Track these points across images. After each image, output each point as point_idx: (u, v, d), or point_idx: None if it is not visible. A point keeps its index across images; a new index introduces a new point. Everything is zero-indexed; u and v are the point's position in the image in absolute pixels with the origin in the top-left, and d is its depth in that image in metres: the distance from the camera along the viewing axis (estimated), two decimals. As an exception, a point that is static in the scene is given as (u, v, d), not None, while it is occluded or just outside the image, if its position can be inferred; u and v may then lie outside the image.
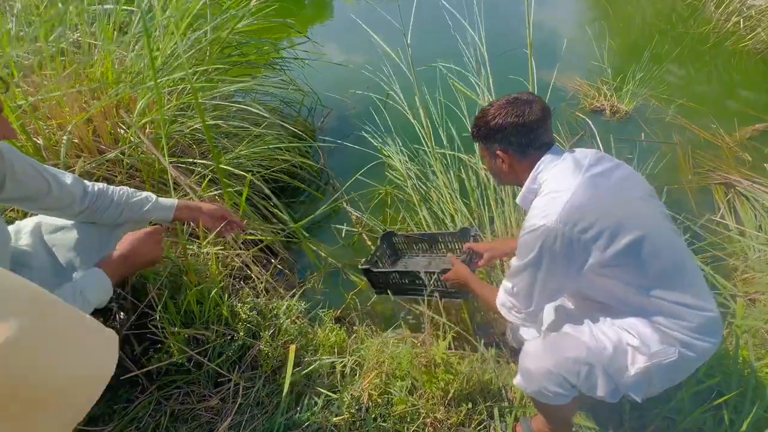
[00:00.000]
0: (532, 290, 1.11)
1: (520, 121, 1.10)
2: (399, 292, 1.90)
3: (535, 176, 1.13)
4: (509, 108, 1.11)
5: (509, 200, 2.45)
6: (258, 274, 1.75)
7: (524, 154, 1.14)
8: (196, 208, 1.30)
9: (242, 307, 1.34)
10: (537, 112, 1.11)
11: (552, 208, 1.02)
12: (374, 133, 3.17)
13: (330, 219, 2.83)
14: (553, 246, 1.03)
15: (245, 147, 2.57)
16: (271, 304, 1.47)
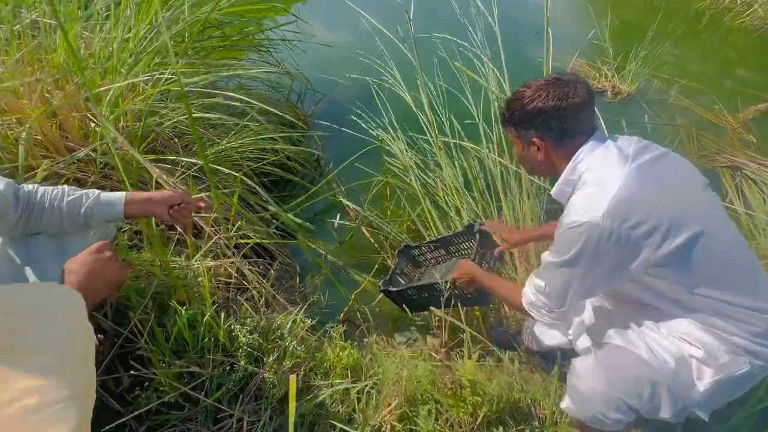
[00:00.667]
0: (567, 289, 1.03)
1: (563, 104, 0.97)
2: (421, 308, 1.78)
3: (574, 166, 1.02)
4: (550, 89, 0.98)
5: (517, 190, 2.30)
6: (256, 283, 1.57)
7: (563, 141, 1.02)
8: (147, 200, 1.09)
9: (241, 329, 1.16)
10: (581, 94, 0.98)
11: (597, 203, 0.92)
12: (370, 119, 2.96)
13: (327, 213, 2.64)
14: (598, 244, 0.93)
15: (233, 138, 2.34)
16: (273, 321, 1.30)
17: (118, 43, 1.92)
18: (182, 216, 1.15)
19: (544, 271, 1.07)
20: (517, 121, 1.06)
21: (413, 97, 2.69)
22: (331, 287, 2.19)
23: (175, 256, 1.43)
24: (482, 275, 1.36)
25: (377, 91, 3.01)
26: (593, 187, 0.96)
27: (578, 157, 1.01)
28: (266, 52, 3.04)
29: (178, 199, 1.14)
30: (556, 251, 1.02)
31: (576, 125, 1.00)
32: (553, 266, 1.03)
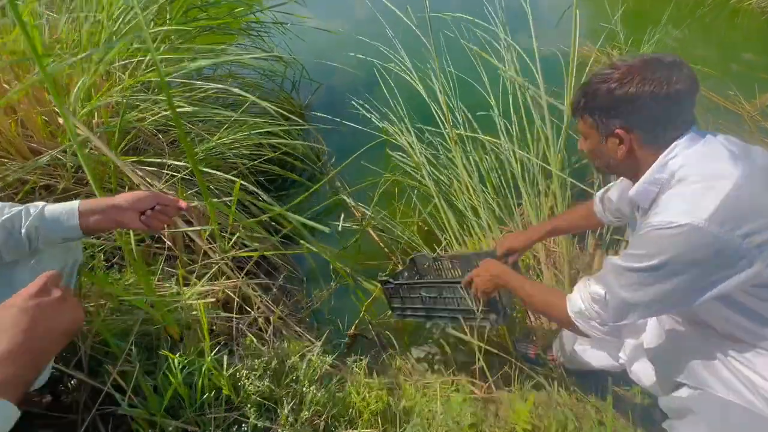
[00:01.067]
0: (636, 303, 0.86)
1: (663, 91, 0.79)
2: (420, 316, 1.57)
3: (665, 162, 0.84)
4: (646, 72, 0.80)
5: (544, 186, 2.10)
6: (261, 305, 1.34)
7: (655, 135, 0.84)
8: (110, 207, 0.85)
9: (248, 375, 0.94)
10: (686, 79, 0.80)
11: (703, 201, 0.76)
12: (374, 110, 2.71)
13: (330, 214, 2.41)
14: (696, 251, 0.76)
15: (224, 134, 2.08)
16: (285, 356, 1.08)
17: (89, 25, 1.64)
18: (159, 222, 0.91)
19: (608, 276, 0.89)
20: (598, 108, 0.88)
21: (425, 85, 2.45)
22: (339, 296, 1.99)
23: (165, 279, 1.19)
24: (510, 275, 1.16)
25: (382, 75, 2.75)
26: (698, 184, 0.79)
27: (671, 152, 0.83)
28: (257, 36, 2.75)
29: (150, 201, 0.90)
30: (634, 255, 0.83)
31: (674, 116, 0.82)
32: (626, 273, 0.85)
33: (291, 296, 1.78)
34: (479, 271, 1.24)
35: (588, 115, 0.91)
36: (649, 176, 0.86)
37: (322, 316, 1.87)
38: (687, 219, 0.76)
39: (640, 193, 0.89)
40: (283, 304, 1.63)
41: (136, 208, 0.89)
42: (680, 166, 0.82)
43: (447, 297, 1.39)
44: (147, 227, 0.91)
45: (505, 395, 1.22)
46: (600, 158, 0.95)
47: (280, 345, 1.17)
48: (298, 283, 1.94)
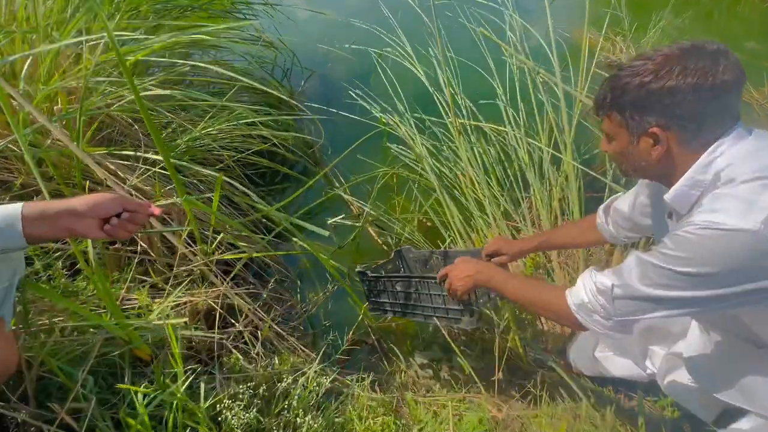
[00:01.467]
0: (656, 305, 0.76)
1: (708, 83, 0.68)
2: (396, 311, 1.48)
3: (708, 162, 0.72)
4: (688, 61, 0.69)
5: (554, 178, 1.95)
6: (249, 313, 1.18)
7: (697, 133, 0.72)
8: (64, 212, 0.69)
9: (231, 407, 0.78)
10: (733, 69, 0.69)
11: (760, 202, 0.65)
12: (372, 99, 2.54)
13: (325, 210, 2.25)
14: (747, 260, 0.66)
15: (209, 124, 1.90)
16: (277, 378, 0.92)
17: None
18: (125, 231, 0.75)
19: (627, 269, 0.78)
20: (629, 105, 0.75)
21: (426, 71, 2.28)
22: (336, 299, 1.83)
23: (136, 288, 1.02)
24: (490, 272, 1.03)
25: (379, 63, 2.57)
26: (751, 183, 0.67)
27: (716, 151, 0.72)
28: (243, 19, 2.55)
29: (115, 207, 0.73)
30: (671, 256, 0.71)
31: (719, 111, 0.71)
32: (656, 269, 0.73)
33: (284, 302, 1.61)
34: (454, 267, 1.10)
35: (616, 112, 0.78)
36: (689, 178, 0.74)
37: (318, 322, 1.71)
38: (740, 222, 0.65)
39: (678, 196, 0.77)
40: (275, 310, 1.47)
41: (97, 214, 0.73)
42: (727, 165, 0.70)
43: (422, 293, 1.30)
44: (110, 236, 0.75)
45: (528, 414, 1.08)
46: (629, 161, 0.83)
47: (270, 362, 1.01)
48: (292, 286, 1.77)
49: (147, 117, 0.77)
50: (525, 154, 2.02)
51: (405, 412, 1.08)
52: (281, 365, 1.03)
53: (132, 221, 0.76)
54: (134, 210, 0.76)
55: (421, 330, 1.78)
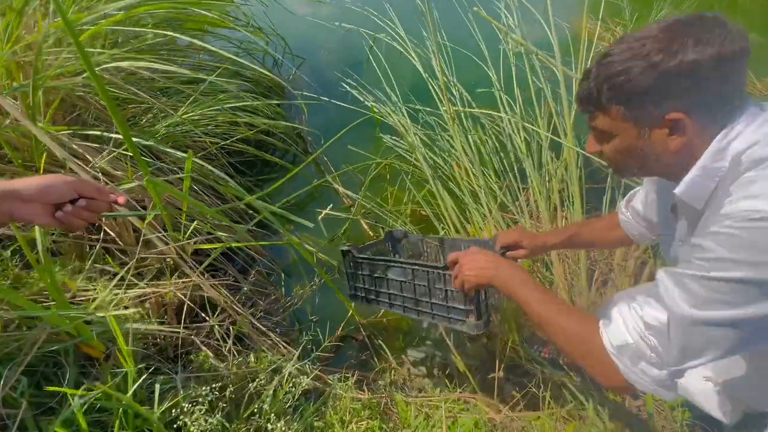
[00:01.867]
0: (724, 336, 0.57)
1: (728, 51, 0.58)
2: (381, 301, 1.25)
3: (723, 148, 0.61)
4: (699, 32, 0.59)
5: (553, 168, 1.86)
6: (224, 304, 1.08)
7: (714, 114, 0.62)
8: (8, 195, 0.59)
9: (190, 412, 0.68)
10: (741, 37, 0.59)
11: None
12: (364, 88, 2.44)
13: (314, 200, 2.15)
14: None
15: (191, 108, 1.79)
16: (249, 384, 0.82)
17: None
18: (79, 220, 0.65)
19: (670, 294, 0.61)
20: (636, 93, 0.63)
21: (419, 57, 2.17)
22: (324, 293, 1.73)
23: (95, 278, 0.92)
24: (513, 274, 0.82)
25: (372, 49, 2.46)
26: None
27: (730, 133, 0.61)
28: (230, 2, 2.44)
29: (67, 192, 0.63)
30: (715, 260, 0.57)
31: (737, 85, 0.61)
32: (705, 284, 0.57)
33: (268, 296, 1.51)
34: (467, 254, 0.91)
35: (617, 105, 0.66)
36: (701, 167, 0.63)
37: (305, 318, 1.61)
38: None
39: (690, 189, 0.65)
40: (258, 305, 1.37)
41: (46, 199, 0.62)
42: (748, 147, 0.59)
43: (419, 284, 1.08)
44: (63, 225, 0.64)
45: (529, 416, 0.98)
46: (636, 158, 0.69)
47: (245, 361, 0.91)
48: (278, 279, 1.67)
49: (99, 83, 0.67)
50: (522, 142, 1.93)
51: (394, 414, 0.98)
52: (258, 363, 0.93)
53: (89, 209, 0.65)
54: (92, 196, 0.65)
55: (414, 326, 1.69)
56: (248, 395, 0.78)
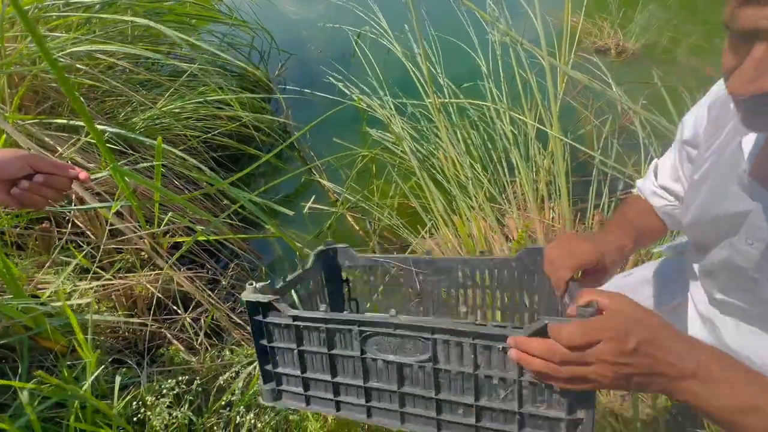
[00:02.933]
0: None
1: None
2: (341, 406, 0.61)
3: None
4: None
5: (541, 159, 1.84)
6: (198, 296, 1.04)
7: None
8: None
9: (154, 405, 0.64)
10: None
11: None
12: (348, 80, 2.41)
13: (300, 195, 2.11)
14: None
15: (171, 101, 1.75)
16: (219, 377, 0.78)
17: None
18: (39, 198, 0.60)
19: None
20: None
21: (404, 49, 2.15)
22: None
23: (62, 271, 0.88)
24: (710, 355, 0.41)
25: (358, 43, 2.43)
26: None
27: None
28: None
29: (20, 167, 0.59)
30: None
31: None
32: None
33: (249, 289, 1.47)
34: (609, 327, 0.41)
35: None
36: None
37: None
38: None
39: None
40: (237, 301, 1.33)
41: (0, 176, 0.58)
42: None
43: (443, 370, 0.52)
44: (19, 203, 0.60)
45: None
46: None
47: (220, 354, 0.87)
48: (260, 273, 1.63)
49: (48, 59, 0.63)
50: (509, 133, 1.91)
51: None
52: (233, 357, 0.89)
53: (48, 185, 0.61)
54: (50, 171, 0.61)
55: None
56: (218, 388, 0.74)
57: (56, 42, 1.33)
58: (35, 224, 1.01)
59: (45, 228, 1.00)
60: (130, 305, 0.92)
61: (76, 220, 1.08)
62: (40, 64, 1.19)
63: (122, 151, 1.47)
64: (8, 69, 1.05)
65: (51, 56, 0.70)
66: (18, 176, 0.59)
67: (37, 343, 0.69)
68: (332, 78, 2.41)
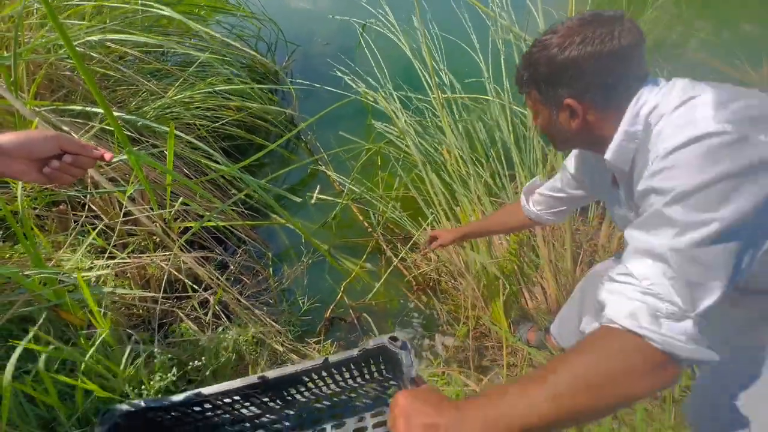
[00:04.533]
0: (724, 254, 0.53)
1: (606, 48, 0.67)
2: None
3: (635, 113, 0.68)
4: (586, 31, 0.68)
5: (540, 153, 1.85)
6: (207, 278, 1.08)
7: (609, 99, 0.71)
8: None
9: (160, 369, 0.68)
10: (629, 33, 0.67)
11: (697, 114, 0.58)
12: (354, 73, 2.43)
13: (306, 185, 2.15)
14: (727, 158, 0.53)
15: (180, 91, 1.78)
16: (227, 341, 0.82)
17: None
18: (69, 177, 0.64)
19: (647, 239, 0.57)
20: (542, 80, 0.75)
21: (410, 45, 2.17)
22: (313, 276, 1.74)
23: (77, 250, 0.92)
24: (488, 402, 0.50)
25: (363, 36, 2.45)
26: (681, 107, 0.61)
27: (638, 101, 0.68)
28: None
29: (51, 147, 0.62)
30: (672, 180, 0.56)
31: (625, 73, 0.69)
32: (675, 210, 0.55)
33: (256, 275, 1.52)
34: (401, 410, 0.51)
35: (534, 89, 0.77)
36: (623, 132, 0.69)
37: (293, 298, 1.62)
38: (695, 131, 0.55)
39: (617, 153, 0.71)
40: (247, 285, 1.37)
41: (28, 154, 0.61)
42: (653, 108, 0.66)
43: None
44: (50, 180, 0.64)
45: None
46: (557, 134, 0.79)
47: (225, 332, 0.91)
48: (266, 261, 1.68)
49: (70, 46, 0.66)
50: (510, 126, 1.92)
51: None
52: (241, 336, 0.93)
53: (75, 165, 0.65)
54: (77, 152, 0.65)
55: (402, 308, 1.70)
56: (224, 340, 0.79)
57: (71, 31, 1.37)
58: (52, 207, 1.05)
59: (62, 210, 1.04)
60: (144, 284, 0.96)
61: (92, 204, 1.13)
62: (57, 52, 1.23)
63: (133, 138, 1.51)
64: (27, 56, 1.09)
65: (73, 45, 0.74)
66: (48, 155, 0.62)
67: (58, 316, 0.74)
68: (339, 71, 2.43)
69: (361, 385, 0.76)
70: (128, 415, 0.57)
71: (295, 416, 0.68)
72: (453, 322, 1.61)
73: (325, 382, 0.70)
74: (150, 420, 0.60)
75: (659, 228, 0.56)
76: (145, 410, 0.58)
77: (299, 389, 0.69)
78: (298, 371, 0.62)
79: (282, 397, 0.67)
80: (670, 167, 0.56)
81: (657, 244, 0.55)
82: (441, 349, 1.52)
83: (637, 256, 0.57)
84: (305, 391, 0.70)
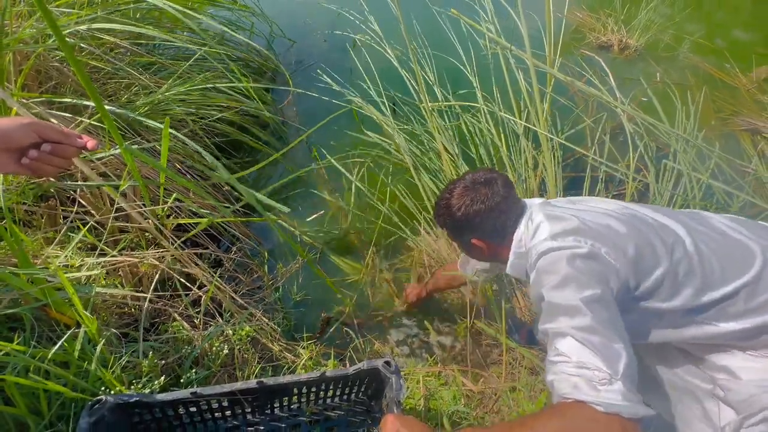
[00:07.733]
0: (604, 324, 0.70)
1: (487, 206, 0.95)
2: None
3: (518, 239, 0.95)
4: (471, 194, 0.96)
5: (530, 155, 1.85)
6: (201, 276, 1.06)
7: (501, 233, 0.97)
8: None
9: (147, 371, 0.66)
10: (501, 189, 0.95)
11: (543, 232, 0.89)
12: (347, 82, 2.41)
13: (298, 185, 2.12)
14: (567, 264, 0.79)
15: (172, 86, 1.74)
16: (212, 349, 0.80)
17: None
18: (51, 168, 0.61)
19: (552, 323, 0.73)
20: (449, 228, 1.04)
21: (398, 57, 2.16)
22: (308, 275, 1.72)
23: (67, 248, 0.89)
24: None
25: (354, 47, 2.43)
26: (543, 222, 0.89)
27: (518, 231, 0.95)
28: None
29: (27, 136, 0.58)
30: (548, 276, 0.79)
31: (508, 217, 0.96)
32: (557, 295, 0.75)
33: (251, 273, 1.49)
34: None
35: (447, 231, 1.04)
36: (515, 253, 0.95)
37: (288, 298, 1.60)
38: (543, 246, 0.83)
39: (512, 268, 0.97)
40: (242, 283, 1.35)
41: (6, 146, 0.59)
42: (535, 229, 0.90)
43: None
44: (31, 171, 0.61)
45: (506, 387, 0.99)
46: (471, 256, 1.10)
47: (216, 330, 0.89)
48: (261, 259, 1.65)
49: (62, 40, 0.64)
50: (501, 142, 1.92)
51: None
52: (235, 335, 0.91)
53: (57, 154, 0.61)
54: (57, 140, 0.61)
55: (398, 309, 1.69)
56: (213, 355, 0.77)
57: (60, 21, 1.33)
58: (41, 202, 1.02)
59: (51, 206, 1.01)
60: (136, 282, 0.93)
61: (82, 199, 1.09)
62: (45, 42, 1.19)
63: (123, 133, 1.48)
64: (14, 46, 1.05)
65: (62, 34, 0.71)
66: (24, 144, 0.59)
67: (47, 315, 0.71)
68: (332, 81, 2.40)
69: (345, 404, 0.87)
70: (117, 408, 0.55)
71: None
72: (450, 320, 1.61)
73: (316, 396, 0.76)
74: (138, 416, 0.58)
75: (554, 309, 0.73)
76: (133, 405, 0.57)
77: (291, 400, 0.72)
78: (296, 381, 0.66)
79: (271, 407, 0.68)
80: (540, 273, 0.79)
81: (564, 327, 0.70)
82: (437, 348, 1.52)
83: (558, 338, 0.70)
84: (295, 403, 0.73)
